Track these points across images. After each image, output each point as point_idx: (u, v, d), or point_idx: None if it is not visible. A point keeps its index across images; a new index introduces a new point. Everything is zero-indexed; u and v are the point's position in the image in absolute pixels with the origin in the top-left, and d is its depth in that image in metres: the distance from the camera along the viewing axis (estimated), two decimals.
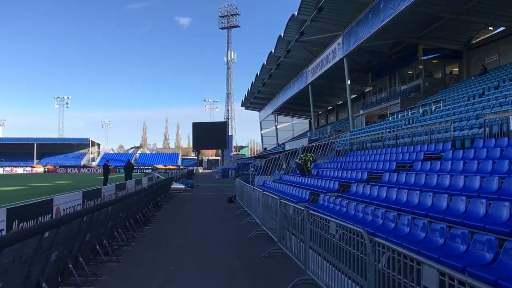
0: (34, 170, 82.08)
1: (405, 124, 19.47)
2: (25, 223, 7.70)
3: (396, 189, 9.10)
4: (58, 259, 5.49)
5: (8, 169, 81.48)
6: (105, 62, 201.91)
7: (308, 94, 38.77)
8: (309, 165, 16.95)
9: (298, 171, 18.02)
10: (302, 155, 17.48)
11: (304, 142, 33.89)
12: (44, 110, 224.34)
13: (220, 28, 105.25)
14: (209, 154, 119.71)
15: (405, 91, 31.45)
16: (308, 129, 57.91)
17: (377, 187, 10.14)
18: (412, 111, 21.99)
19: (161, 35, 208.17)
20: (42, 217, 8.56)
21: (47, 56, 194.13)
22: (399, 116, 23.16)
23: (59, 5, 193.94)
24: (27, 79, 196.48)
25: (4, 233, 6.75)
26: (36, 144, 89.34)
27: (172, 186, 25.65)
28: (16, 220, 7.35)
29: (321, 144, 22.65)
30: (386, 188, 9.65)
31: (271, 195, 10.62)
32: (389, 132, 18.77)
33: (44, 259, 4.96)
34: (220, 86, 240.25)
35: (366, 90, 42.50)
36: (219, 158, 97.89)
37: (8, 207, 7.12)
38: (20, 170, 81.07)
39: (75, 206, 10.89)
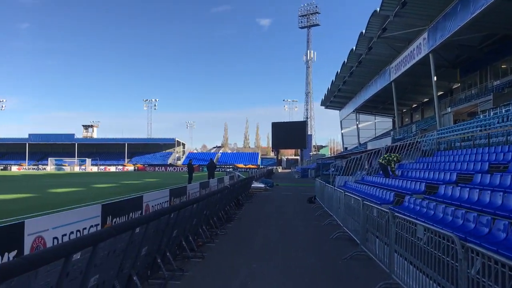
0: (125, 168, 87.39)
1: (498, 122, 18.13)
2: (117, 218, 8.20)
3: (489, 192, 8.49)
4: (148, 253, 5.78)
5: (102, 167, 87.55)
6: (189, 65, 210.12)
7: (391, 91, 37.47)
8: (393, 165, 16.35)
9: (381, 172, 17.45)
10: (385, 155, 16.91)
11: (387, 141, 32.76)
12: (134, 112, 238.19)
13: (299, 28, 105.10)
14: (288, 154, 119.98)
15: (498, 86, 29.28)
16: (391, 128, 55.99)
17: (468, 189, 9.53)
18: (507, 108, 20.43)
19: (242, 37, 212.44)
20: (133, 213, 9.07)
21: (137, 61, 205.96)
22: (492, 114, 21.62)
23: (145, 12, 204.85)
24: (118, 84, 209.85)
25: (99, 227, 7.23)
26: (127, 144, 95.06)
27: (252, 185, 26.02)
28: (110, 216, 7.84)
29: (406, 143, 21.76)
30: (478, 190, 9.03)
31: (353, 196, 10.38)
32: (481, 130, 17.57)
33: (135, 253, 5.25)
34: (299, 86, 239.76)
35: (453, 87, 40.15)
36: (298, 157, 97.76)
37: (103, 203, 7.59)
38: (112, 168, 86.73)
39: (162, 203, 11.42)
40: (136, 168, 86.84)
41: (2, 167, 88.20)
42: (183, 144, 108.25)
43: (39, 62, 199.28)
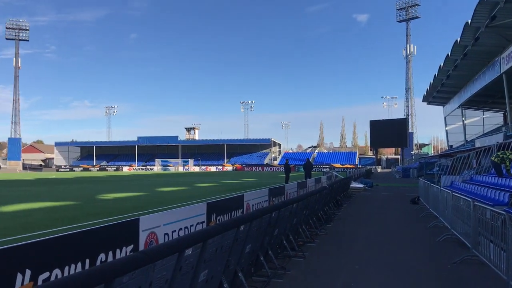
0: (224, 168, 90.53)
1: None
2: (221, 216, 8.52)
3: None
4: (251, 251, 5.93)
5: (203, 167, 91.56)
6: (284, 66, 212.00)
7: (501, 84, 34.45)
8: (508, 164, 15.02)
9: (493, 171, 16.13)
10: (499, 153, 15.58)
11: (498, 138, 30.22)
12: (231, 114, 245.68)
13: (398, 21, 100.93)
14: (388, 153, 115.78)
15: None
16: (502, 123, 51.51)
17: None
18: None
19: (338, 34, 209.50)
20: (235, 212, 9.36)
21: (234, 65, 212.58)
22: None
23: (240, 16, 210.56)
24: (217, 88, 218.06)
25: (204, 225, 7.56)
26: (226, 145, 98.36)
27: (351, 185, 25.52)
28: (214, 214, 8.17)
29: None
30: None
31: (462, 196, 9.73)
32: None
33: (240, 250, 5.41)
34: (398, 82, 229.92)
35: None
36: (398, 156, 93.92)
37: (208, 202, 7.93)
38: (213, 168, 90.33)
39: (262, 202, 11.64)
40: (234, 168, 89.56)
41: (115, 168, 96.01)
42: (279, 144, 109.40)
43: (146, 70, 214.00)
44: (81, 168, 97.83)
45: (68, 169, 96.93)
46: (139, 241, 5.69)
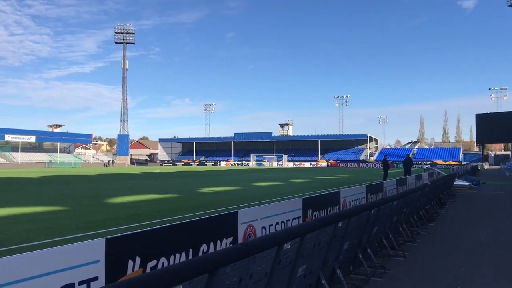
0: (319, 164, 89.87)
1: None
2: (317, 212, 8.46)
3: None
4: (349, 248, 5.81)
5: (297, 163, 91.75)
6: (380, 59, 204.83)
7: None
8: None
9: None
10: None
11: None
12: (326, 109, 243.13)
13: (508, 6, 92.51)
14: (496, 149, 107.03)
15: None
16: None
17: None
18: None
19: (440, 22, 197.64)
20: (331, 208, 9.24)
21: (327, 60, 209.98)
22: None
23: (330, 10, 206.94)
24: (311, 83, 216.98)
25: (300, 220, 7.57)
26: (320, 140, 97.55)
27: (454, 183, 23.97)
28: (310, 209, 8.13)
29: None
30: None
31: None
32: None
33: (338, 247, 5.32)
34: (508, 72, 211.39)
35: None
36: (508, 152, 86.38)
37: (304, 197, 7.91)
38: (307, 164, 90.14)
39: (359, 199, 11.36)
40: (329, 164, 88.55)
41: (213, 163, 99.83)
42: (376, 140, 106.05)
43: (242, 67, 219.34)
44: (182, 163, 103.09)
45: (170, 164, 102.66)
46: (238, 233, 5.85)
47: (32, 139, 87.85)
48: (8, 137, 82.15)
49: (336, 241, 5.14)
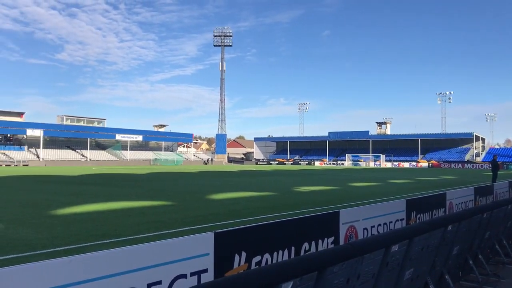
0: (419, 164, 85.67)
1: None
2: (421, 214, 8.09)
3: None
4: (459, 253, 5.49)
5: (395, 163, 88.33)
6: (484, 52, 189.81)
7: None
8: None
9: None
10: None
11: None
12: (426, 107, 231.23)
13: None
14: None
15: None
16: None
17: None
18: None
19: None
20: (437, 210, 8.78)
21: (428, 55, 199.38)
22: None
23: (433, 5, 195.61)
24: (411, 79, 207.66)
25: (403, 222, 7.29)
26: (420, 139, 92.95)
27: None
28: (414, 211, 7.81)
29: None
30: None
31: None
32: None
33: (447, 251, 5.06)
34: None
35: None
36: None
37: (407, 199, 7.61)
38: (406, 165, 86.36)
39: (466, 201, 10.66)
40: (430, 164, 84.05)
41: (307, 162, 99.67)
42: (483, 139, 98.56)
43: (337, 65, 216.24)
44: (277, 162, 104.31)
45: (265, 163, 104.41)
46: (339, 234, 5.80)
47: (140, 138, 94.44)
48: (118, 137, 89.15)
49: (445, 245, 4.89)
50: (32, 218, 10.79)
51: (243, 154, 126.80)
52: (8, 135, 76.98)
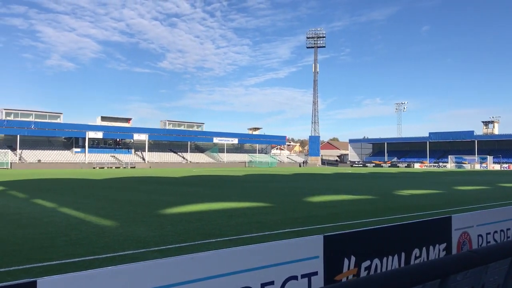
0: None
1: None
2: None
3: None
4: None
5: (505, 165, 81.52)
6: None
7: None
8: None
9: None
10: None
11: None
12: None
13: None
14: None
15: None
16: None
17: None
18: None
19: None
20: None
21: None
22: None
23: None
24: None
25: None
26: None
27: None
28: None
29: None
30: None
31: None
32: None
33: None
34: None
35: None
36: None
37: None
38: None
39: None
40: None
41: (406, 164, 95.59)
42: None
43: (438, 62, 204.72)
44: (373, 164, 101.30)
45: (361, 165, 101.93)
46: (451, 240, 5.51)
47: (235, 141, 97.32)
48: (216, 140, 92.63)
49: None
50: (143, 217, 11.61)
51: (337, 156, 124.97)
52: (118, 140, 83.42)
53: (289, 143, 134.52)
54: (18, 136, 67.03)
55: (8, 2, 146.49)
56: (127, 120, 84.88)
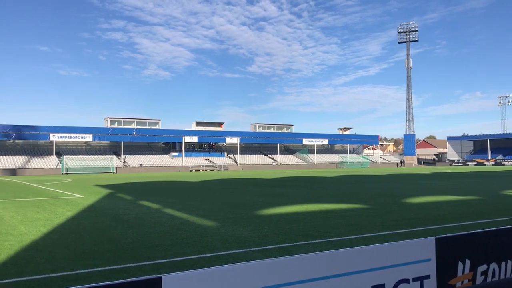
0: None
1: None
2: None
3: None
4: None
5: None
6: None
7: None
8: None
9: None
10: None
11: None
12: None
13: None
14: None
15: None
16: None
17: None
18: None
19: None
20: None
21: None
22: None
23: None
24: None
25: None
26: None
27: None
28: None
29: None
30: None
31: None
32: None
33: None
34: None
35: None
36: None
37: None
38: None
39: None
40: None
41: None
42: None
43: None
44: (475, 163, 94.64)
45: (461, 163, 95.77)
46: None
47: (325, 142, 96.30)
48: (305, 141, 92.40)
49: None
50: (241, 218, 11.92)
51: (435, 155, 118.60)
52: (211, 143, 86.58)
53: (381, 143, 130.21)
54: (122, 142, 72.13)
55: (110, 17, 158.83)
56: (220, 124, 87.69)
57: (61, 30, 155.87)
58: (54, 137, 65.87)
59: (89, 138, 69.88)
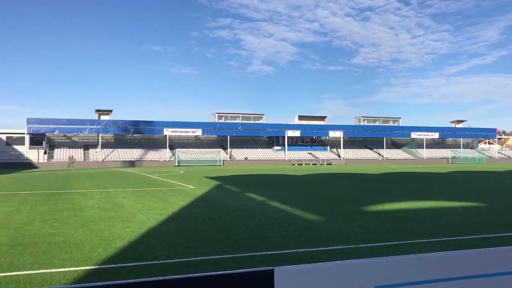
0: None
1: None
2: None
3: None
4: None
5: None
6: None
7: None
8: None
9: None
10: None
11: None
12: None
13: None
14: None
15: None
16: None
17: None
18: None
19: None
20: None
21: None
22: None
23: None
24: None
25: None
26: None
27: None
28: None
29: None
30: None
31: None
32: None
33: None
34: None
35: None
36: None
37: None
38: None
39: None
40: None
41: None
42: None
43: None
44: None
45: None
46: None
47: (436, 135, 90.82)
48: (413, 135, 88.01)
49: None
50: (347, 213, 11.71)
51: None
52: (314, 137, 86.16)
53: (500, 136, 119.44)
54: (228, 136, 74.85)
55: (216, 16, 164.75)
56: (322, 118, 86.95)
57: (173, 30, 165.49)
58: (167, 132, 70.49)
59: (198, 132, 73.61)
